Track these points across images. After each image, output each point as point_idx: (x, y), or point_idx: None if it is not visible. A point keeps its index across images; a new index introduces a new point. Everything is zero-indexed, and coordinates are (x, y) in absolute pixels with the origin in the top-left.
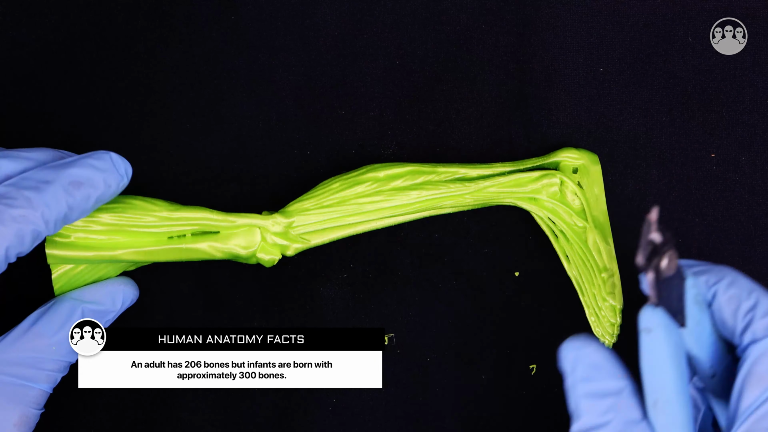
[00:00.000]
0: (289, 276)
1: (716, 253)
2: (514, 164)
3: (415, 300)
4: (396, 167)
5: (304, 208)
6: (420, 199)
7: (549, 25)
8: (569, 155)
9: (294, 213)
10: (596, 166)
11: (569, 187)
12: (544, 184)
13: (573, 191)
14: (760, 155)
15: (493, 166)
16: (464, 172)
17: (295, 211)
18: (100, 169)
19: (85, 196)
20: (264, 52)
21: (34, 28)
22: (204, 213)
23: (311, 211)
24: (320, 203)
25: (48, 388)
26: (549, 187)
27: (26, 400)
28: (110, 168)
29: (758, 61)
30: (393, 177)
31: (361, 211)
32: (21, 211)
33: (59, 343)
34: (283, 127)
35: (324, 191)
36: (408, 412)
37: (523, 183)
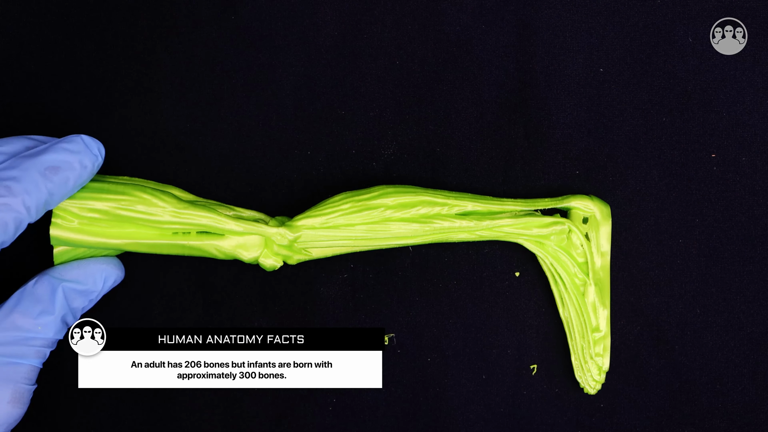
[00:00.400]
0: (290, 276)
1: (716, 253)
2: (525, 203)
3: (415, 300)
4: (407, 195)
5: (312, 225)
6: (428, 233)
7: (549, 25)
8: (582, 203)
9: (301, 228)
10: (607, 220)
11: (576, 237)
12: (553, 231)
13: (580, 242)
14: (760, 155)
15: (504, 202)
16: (474, 206)
17: (302, 227)
18: (74, 152)
19: (63, 179)
20: (264, 51)
21: (34, 28)
22: (211, 216)
23: (318, 229)
24: (327, 222)
25: (38, 363)
26: (558, 234)
27: (17, 376)
28: (83, 149)
29: (758, 61)
30: (404, 206)
31: (367, 237)
32: (2, 200)
33: (45, 324)
34: (282, 126)
35: (333, 210)
36: (408, 412)
37: (532, 226)
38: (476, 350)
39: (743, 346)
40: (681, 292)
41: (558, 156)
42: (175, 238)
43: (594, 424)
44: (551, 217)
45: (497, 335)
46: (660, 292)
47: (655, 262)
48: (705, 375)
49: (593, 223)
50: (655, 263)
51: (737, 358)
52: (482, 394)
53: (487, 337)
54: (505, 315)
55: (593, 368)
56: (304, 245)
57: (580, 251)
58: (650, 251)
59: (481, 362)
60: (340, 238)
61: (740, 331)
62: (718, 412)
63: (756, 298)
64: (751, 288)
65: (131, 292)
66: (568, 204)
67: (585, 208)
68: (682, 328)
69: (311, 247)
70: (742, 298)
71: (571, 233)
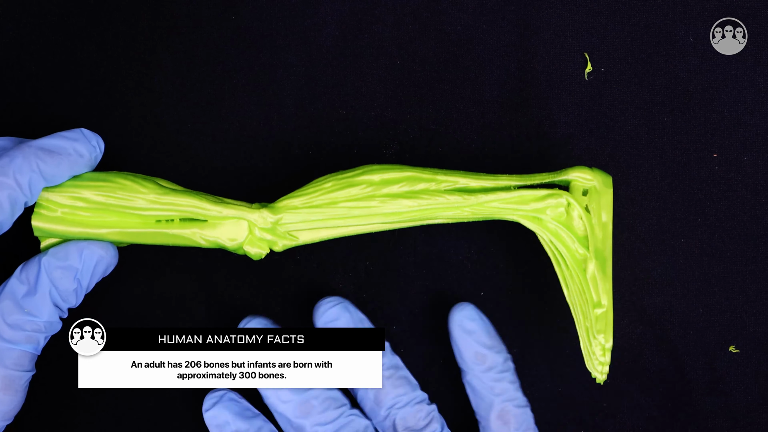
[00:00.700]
0: (291, 275)
1: (718, 253)
2: (521, 178)
3: (418, 299)
4: (393, 171)
5: (293, 205)
6: (413, 209)
7: (550, 25)
8: (581, 175)
9: (282, 210)
10: (608, 190)
11: (576, 210)
12: (549, 204)
13: (579, 215)
14: (762, 155)
15: (497, 178)
16: (465, 182)
17: (283, 208)
18: (71, 139)
19: (56, 161)
20: (265, 51)
21: (34, 28)
22: (192, 200)
23: (300, 209)
24: (310, 202)
25: (31, 348)
26: (554, 208)
27: (7, 362)
28: (81, 138)
29: (759, 61)
30: (389, 182)
31: (351, 215)
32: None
33: (32, 305)
34: (284, 126)
35: (315, 190)
36: None
37: (527, 200)
38: None
39: (746, 345)
40: (683, 292)
41: (560, 155)
42: (158, 227)
43: (596, 424)
44: (546, 189)
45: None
46: (662, 291)
47: (658, 261)
48: (707, 375)
49: (593, 195)
50: (657, 263)
51: (740, 358)
52: None
53: None
54: (508, 314)
55: (597, 349)
56: (287, 228)
57: (580, 225)
58: (652, 251)
59: None
60: (324, 218)
61: (743, 330)
62: (720, 412)
63: (758, 298)
64: (754, 287)
65: (131, 292)
66: (567, 177)
67: (584, 179)
68: (684, 328)
69: (295, 230)
70: (744, 297)
71: (570, 207)
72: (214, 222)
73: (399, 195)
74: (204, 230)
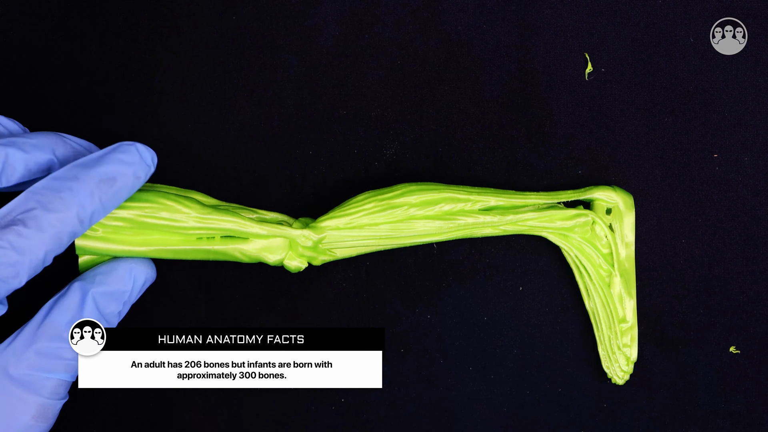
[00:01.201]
0: (291, 276)
1: (719, 253)
2: (548, 195)
3: (418, 299)
4: (431, 192)
5: (336, 225)
6: (452, 229)
7: (550, 25)
8: (605, 195)
9: (325, 229)
10: (631, 211)
11: (601, 228)
12: (578, 222)
13: (604, 234)
14: (762, 155)
15: (527, 196)
16: (497, 201)
17: (326, 228)
18: (129, 163)
19: (117, 191)
20: (265, 52)
21: (34, 28)
22: (235, 220)
23: (342, 229)
24: (352, 223)
25: (68, 377)
26: (581, 227)
27: (44, 391)
28: (138, 160)
29: (760, 61)
30: (427, 203)
31: (391, 236)
32: (58, 215)
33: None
34: (284, 127)
35: (357, 210)
36: (411, 413)
37: (556, 219)
38: (480, 350)
39: (746, 346)
40: (684, 293)
41: (560, 156)
42: (199, 244)
43: (597, 425)
44: (575, 210)
45: (501, 335)
46: (663, 292)
47: (658, 262)
48: (708, 375)
49: (617, 214)
50: (657, 263)
51: (740, 359)
52: (486, 394)
53: (491, 336)
54: (509, 314)
55: (621, 359)
56: (328, 246)
57: (605, 242)
58: (653, 251)
59: (485, 362)
60: (365, 238)
61: (743, 331)
62: (721, 412)
63: (759, 298)
64: (754, 288)
65: None
66: (591, 195)
67: (608, 198)
68: (685, 329)
69: (335, 247)
70: (745, 298)
71: (594, 224)
72: (255, 239)
73: (438, 217)
74: (245, 246)
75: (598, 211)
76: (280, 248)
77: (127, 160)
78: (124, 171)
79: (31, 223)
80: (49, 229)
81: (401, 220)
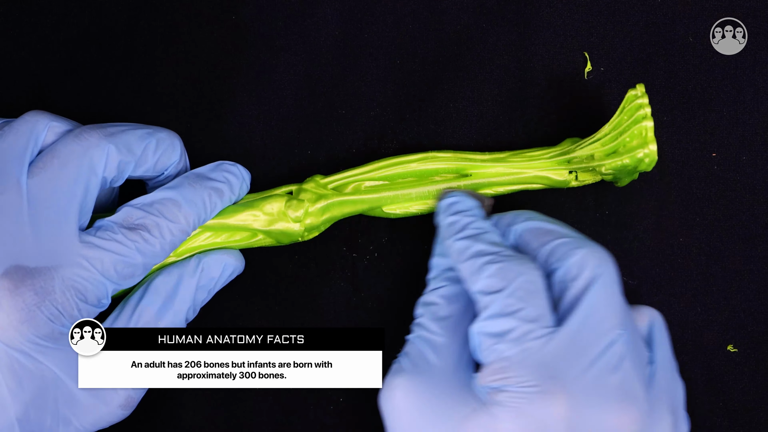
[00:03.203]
0: (289, 275)
1: (717, 252)
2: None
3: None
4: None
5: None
6: (450, 162)
7: (550, 24)
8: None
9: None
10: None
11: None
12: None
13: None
14: (760, 154)
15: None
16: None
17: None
18: (233, 181)
19: (221, 204)
20: (265, 51)
21: (34, 28)
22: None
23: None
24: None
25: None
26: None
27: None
28: (240, 179)
29: (759, 61)
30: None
31: (385, 173)
32: (177, 225)
33: (168, 322)
34: (283, 126)
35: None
36: None
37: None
38: None
39: (744, 344)
40: (681, 291)
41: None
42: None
43: None
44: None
45: None
46: (660, 290)
47: (656, 260)
48: (706, 374)
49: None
50: (655, 262)
51: (738, 357)
52: None
53: None
54: None
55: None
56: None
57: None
58: (651, 250)
59: None
60: (359, 173)
61: (741, 329)
62: (719, 411)
63: (757, 297)
64: (752, 287)
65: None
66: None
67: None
68: (682, 327)
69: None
70: (742, 296)
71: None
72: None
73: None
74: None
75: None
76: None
77: (232, 179)
78: (230, 187)
79: (155, 231)
80: (169, 236)
81: (394, 164)
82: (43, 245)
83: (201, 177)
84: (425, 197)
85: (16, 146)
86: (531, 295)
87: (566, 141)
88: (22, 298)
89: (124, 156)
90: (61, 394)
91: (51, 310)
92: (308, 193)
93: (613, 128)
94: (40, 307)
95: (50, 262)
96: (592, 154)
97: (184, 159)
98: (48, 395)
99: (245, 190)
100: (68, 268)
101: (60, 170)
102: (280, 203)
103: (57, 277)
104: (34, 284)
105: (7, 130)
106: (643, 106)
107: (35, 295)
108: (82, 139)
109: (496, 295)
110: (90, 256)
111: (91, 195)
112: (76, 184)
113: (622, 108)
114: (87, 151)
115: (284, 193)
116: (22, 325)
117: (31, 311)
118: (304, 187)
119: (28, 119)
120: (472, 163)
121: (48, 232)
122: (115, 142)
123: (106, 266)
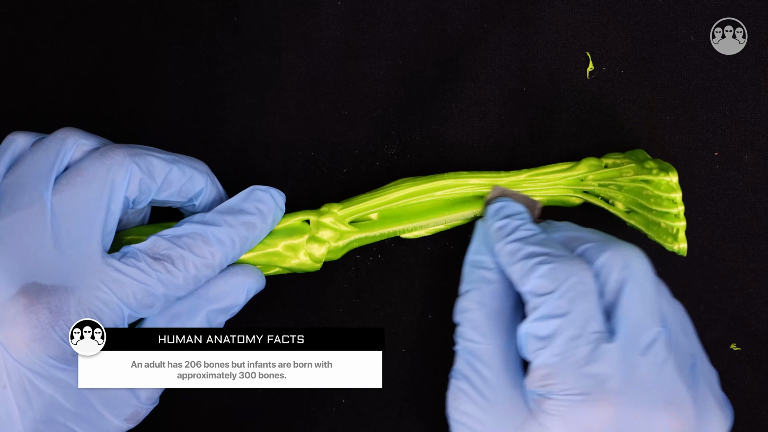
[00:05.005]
0: (291, 276)
1: (719, 251)
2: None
3: (419, 300)
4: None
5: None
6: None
7: (551, 25)
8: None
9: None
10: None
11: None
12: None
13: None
14: (762, 154)
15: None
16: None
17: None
18: (266, 211)
19: (255, 238)
20: (266, 53)
21: (34, 28)
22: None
23: (354, 205)
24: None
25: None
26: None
27: (143, 397)
28: (273, 206)
29: (760, 60)
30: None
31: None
32: (203, 261)
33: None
34: (286, 127)
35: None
36: (411, 412)
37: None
38: None
39: (747, 343)
40: (684, 290)
41: (561, 155)
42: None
43: None
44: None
45: None
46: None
47: (659, 259)
48: None
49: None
50: (658, 261)
51: (741, 356)
52: None
53: None
54: None
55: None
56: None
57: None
58: (653, 249)
59: None
60: (377, 204)
61: (744, 328)
62: None
63: (759, 296)
64: (754, 285)
65: None
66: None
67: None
68: None
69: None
70: (745, 295)
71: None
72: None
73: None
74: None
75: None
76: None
77: (264, 208)
78: (261, 218)
79: (179, 264)
80: (193, 270)
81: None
82: (63, 264)
83: (232, 211)
84: (443, 224)
85: (44, 163)
86: (581, 296)
87: (584, 162)
88: (36, 316)
89: (146, 176)
90: (70, 414)
91: (64, 330)
92: (328, 230)
93: (636, 193)
94: (54, 327)
95: (68, 281)
96: (614, 199)
97: (216, 188)
98: (57, 413)
99: (279, 216)
100: (86, 289)
101: (83, 188)
102: (301, 240)
103: (73, 297)
104: (49, 302)
105: (38, 146)
106: (677, 203)
107: (50, 313)
108: (107, 157)
109: (547, 297)
110: (110, 279)
111: (113, 215)
112: (99, 202)
113: (650, 171)
114: (110, 170)
115: (301, 222)
116: (33, 343)
117: (45, 329)
118: (322, 222)
119: (59, 136)
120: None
121: (69, 250)
122: (138, 162)
123: (125, 292)
